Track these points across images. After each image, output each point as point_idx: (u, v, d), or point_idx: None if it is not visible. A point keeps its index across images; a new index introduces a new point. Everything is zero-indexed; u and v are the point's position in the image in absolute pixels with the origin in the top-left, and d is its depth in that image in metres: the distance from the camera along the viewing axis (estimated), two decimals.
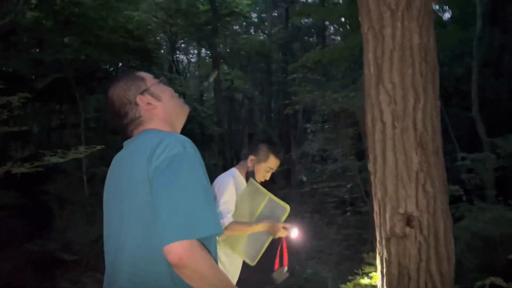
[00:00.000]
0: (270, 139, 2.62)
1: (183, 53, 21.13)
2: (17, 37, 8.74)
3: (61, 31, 8.67)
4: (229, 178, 2.31)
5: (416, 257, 2.18)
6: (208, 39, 15.22)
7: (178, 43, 18.84)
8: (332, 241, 7.77)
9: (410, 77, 2.08)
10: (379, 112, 2.20)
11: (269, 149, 2.41)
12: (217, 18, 13.87)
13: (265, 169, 2.41)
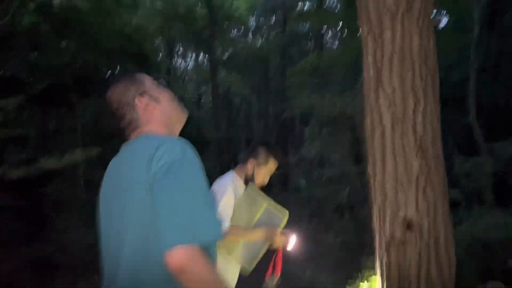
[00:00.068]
0: (268, 141, 2.57)
1: (181, 57, 21.15)
2: (14, 41, 8.71)
3: (58, 35, 8.65)
4: (228, 182, 2.27)
5: (417, 262, 2.16)
6: (206, 43, 15.23)
7: (176, 48, 18.86)
8: (331, 245, 7.72)
9: (410, 80, 2.06)
10: (378, 116, 2.19)
11: (268, 152, 2.37)
12: (215, 23, 13.89)
13: (265, 172, 2.37)
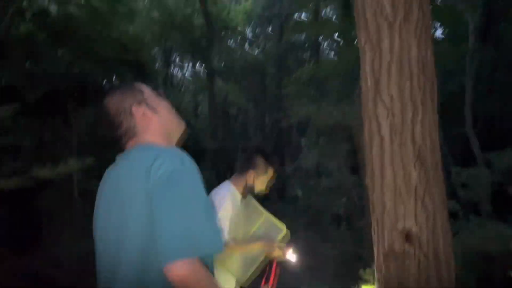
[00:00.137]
0: (264, 149, 2.56)
1: (177, 67, 21.20)
2: (10, 50, 8.69)
3: (54, 44, 8.64)
4: (226, 193, 2.25)
5: (416, 274, 2.11)
6: (203, 53, 15.28)
7: (173, 57, 18.91)
8: (327, 257, 7.66)
9: (408, 90, 2.04)
10: (376, 126, 2.16)
11: (267, 161, 2.38)
12: (212, 33, 13.94)
13: (264, 180, 2.38)
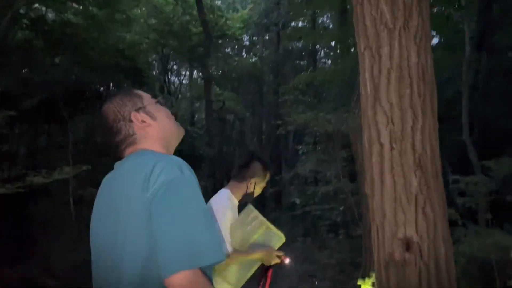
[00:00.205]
0: (259, 155, 2.58)
1: (174, 74, 21.22)
2: (6, 57, 8.65)
3: (51, 51, 8.61)
4: (226, 202, 2.23)
5: (417, 283, 2.08)
6: (200, 60, 15.30)
7: (170, 64, 18.94)
8: (325, 265, 7.60)
9: (408, 97, 2.02)
10: (376, 133, 2.14)
11: (264, 167, 2.40)
12: (210, 40, 13.97)
13: (262, 187, 2.40)
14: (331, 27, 17.67)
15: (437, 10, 8.50)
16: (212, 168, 14.41)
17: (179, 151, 1.35)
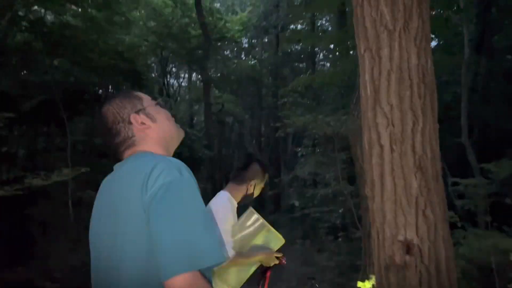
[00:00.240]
0: (257, 157, 2.61)
1: (173, 77, 21.22)
2: (5, 59, 8.64)
3: (50, 53, 8.60)
4: (227, 205, 2.23)
5: (417, 287, 2.07)
6: (199, 63, 15.30)
7: (169, 67, 18.94)
8: (324, 268, 7.59)
9: (408, 99, 2.02)
10: (376, 135, 2.13)
11: (263, 169, 2.42)
12: (209, 43, 13.98)
13: (260, 188, 2.42)
14: (330, 30, 17.70)
15: (436, 13, 8.51)
16: (211, 170, 14.40)
17: (178, 153, 1.34)
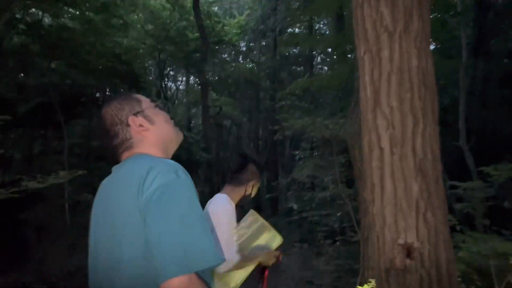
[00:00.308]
0: (253, 157, 2.63)
1: (171, 80, 21.20)
2: (2, 61, 8.61)
3: (47, 55, 8.56)
4: (229, 207, 2.21)
5: None
6: (197, 66, 15.29)
7: (167, 70, 18.92)
8: (322, 272, 7.55)
9: (408, 101, 2.00)
10: (376, 137, 2.11)
11: (259, 169, 2.44)
12: (206, 46, 13.97)
13: (257, 187, 2.43)
14: (327, 33, 17.74)
15: (434, 17, 8.54)
16: (209, 173, 14.36)
17: (176, 156, 1.33)
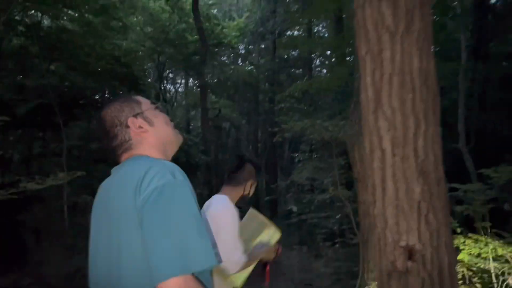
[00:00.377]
0: (249, 157, 2.65)
1: (170, 82, 21.19)
2: (1, 63, 8.59)
3: (46, 57, 8.55)
4: (231, 208, 2.20)
5: None
6: (196, 68, 15.29)
7: (166, 72, 18.92)
8: (321, 274, 7.53)
9: (410, 102, 1.98)
10: (377, 139, 2.10)
11: (256, 168, 2.45)
12: (206, 48, 13.97)
13: (254, 186, 2.44)
14: (326, 36, 17.77)
15: (433, 19, 8.55)
16: (207, 176, 14.34)
17: (175, 158, 1.33)
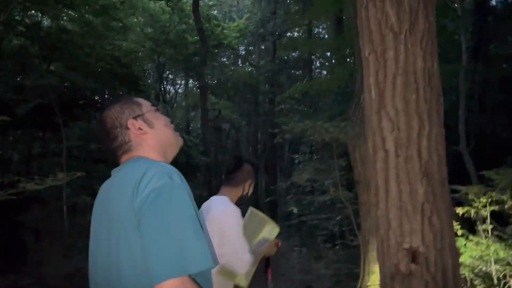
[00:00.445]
0: (246, 157, 2.70)
1: (170, 83, 21.18)
2: (1, 63, 8.57)
3: (46, 57, 8.53)
4: (234, 208, 2.19)
5: None
6: (196, 69, 15.27)
7: (166, 73, 18.90)
8: (321, 276, 7.50)
9: (414, 103, 1.97)
10: (381, 140, 2.08)
11: (254, 167, 2.45)
12: (206, 49, 13.96)
13: (253, 186, 2.44)
14: (326, 37, 17.77)
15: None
16: (207, 177, 14.32)
17: (174, 159, 1.33)
